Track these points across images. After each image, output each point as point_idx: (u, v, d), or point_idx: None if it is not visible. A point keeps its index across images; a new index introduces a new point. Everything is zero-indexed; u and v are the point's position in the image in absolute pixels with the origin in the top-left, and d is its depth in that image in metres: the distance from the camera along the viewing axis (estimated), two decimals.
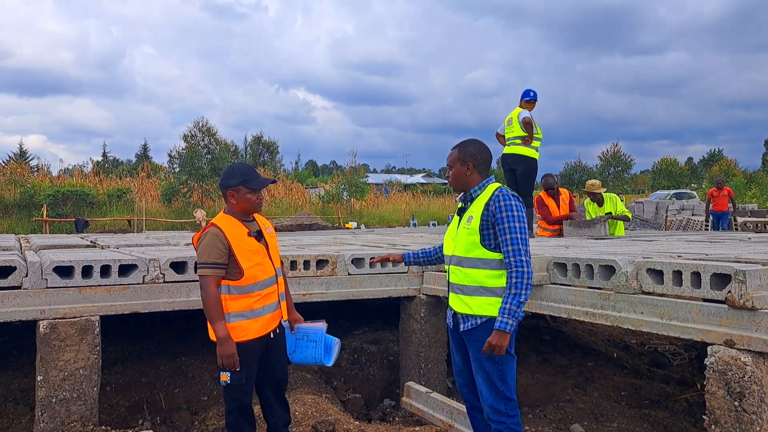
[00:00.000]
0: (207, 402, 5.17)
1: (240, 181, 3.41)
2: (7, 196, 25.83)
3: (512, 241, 2.97)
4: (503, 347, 2.96)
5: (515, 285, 2.94)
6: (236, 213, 3.46)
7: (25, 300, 4.11)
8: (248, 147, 59.82)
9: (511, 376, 3.13)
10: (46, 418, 4.10)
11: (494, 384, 3.10)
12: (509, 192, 3.10)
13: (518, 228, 2.99)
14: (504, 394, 3.10)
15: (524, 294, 2.94)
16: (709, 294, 3.28)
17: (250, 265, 3.35)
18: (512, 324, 2.95)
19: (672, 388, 5.62)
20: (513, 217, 3.00)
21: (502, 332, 2.95)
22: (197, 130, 30.77)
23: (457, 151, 3.25)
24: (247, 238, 3.39)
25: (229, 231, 3.35)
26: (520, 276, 2.94)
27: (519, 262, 2.95)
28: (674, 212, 21.62)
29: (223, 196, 3.51)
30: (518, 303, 2.93)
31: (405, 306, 5.52)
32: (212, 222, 3.42)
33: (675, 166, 50.78)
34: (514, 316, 2.94)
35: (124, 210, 26.71)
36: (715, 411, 3.13)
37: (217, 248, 3.28)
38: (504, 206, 3.02)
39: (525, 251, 2.98)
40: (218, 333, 3.25)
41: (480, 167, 3.22)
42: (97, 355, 4.25)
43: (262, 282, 3.39)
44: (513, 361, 3.14)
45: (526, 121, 7.56)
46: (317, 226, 22.54)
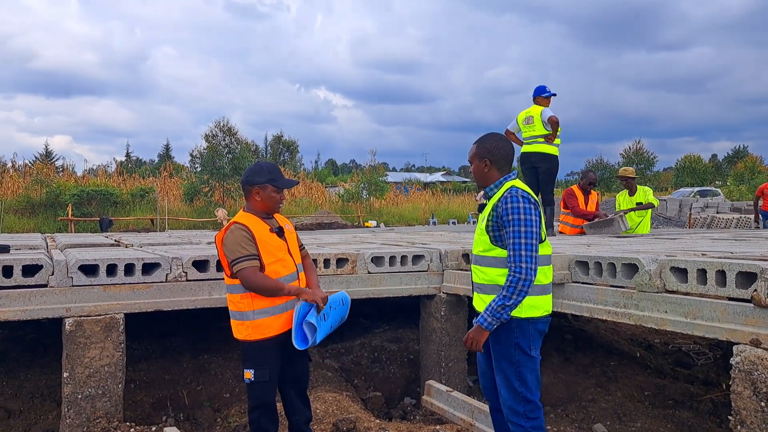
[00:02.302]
0: (229, 399, 5.21)
1: (267, 179, 3.45)
2: (33, 196, 26.29)
3: (515, 245, 2.89)
4: (479, 342, 2.95)
5: (507, 288, 2.87)
6: (257, 211, 3.49)
7: (52, 298, 4.18)
8: (268, 146, 60.17)
9: (532, 377, 3.05)
10: (73, 414, 4.17)
11: (512, 385, 3.04)
12: (519, 192, 2.99)
13: (523, 232, 2.89)
14: (523, 396, 3.03)
15: (514, 298, 2.86)
16: (734, 293, 3.23)
17: (272, 261, 3.39)
18: (491, 323, 2.90)
19: (696, 388, 5.54)
20: (519, 220, 2.91)
21: (479, 327, 2.94)
22: (218, 129, 31.03)
23: (476, 147, 3.19)
24: (270, 234, 3.44)
25: (253, 227, 3.39)
26: (515, 281, 2.85)
27: (517, 268, 2.86)
28: (698, 210, 21.30)
29: (246, 193, 3.52)
30: (503, 306, 2.87)
31: (425, 304, 5.52)
32: (234, 220, 3.45)
33: (699, 163, 49.98)
34: (495, 315, 2.89)
35: (147, 209, 27.04)
36: (740, 411, 3.08)
37: (247, 240, 3.33)
38: (511, 208, 2.93)
39: (528, 256, 2.87)
40: (292, 291, 3.37)
41: (498, 163, 3.13)
42: (121, 353, 4.31)
43: (284, 278, 3.42)
44: (533, 362, 3.06)
45: (554, 121, 7.46)
46: (337, 225, 22.62)
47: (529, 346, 3.02)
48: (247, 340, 3.41)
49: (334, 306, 3.59)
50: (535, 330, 3.06)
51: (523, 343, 3.01)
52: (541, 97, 7.73)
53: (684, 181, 45.61)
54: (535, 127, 7.65)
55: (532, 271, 2.87)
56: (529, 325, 3.02)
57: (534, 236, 2.91)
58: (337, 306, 3.62)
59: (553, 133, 7.54)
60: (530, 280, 2.86)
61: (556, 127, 7.49)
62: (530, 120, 7.71)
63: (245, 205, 3.57)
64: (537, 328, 3.06)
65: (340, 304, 3.65)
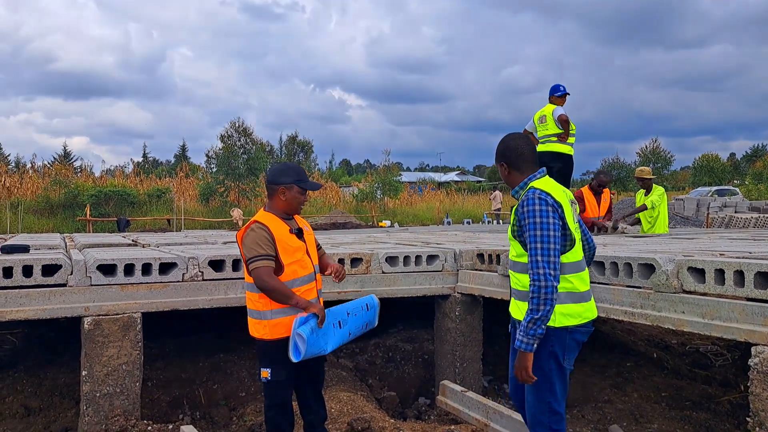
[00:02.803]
0: (245, 398, 5.25)
1: (294, 180, 3.47)
2: (52, 197, 26.63)
3: (532, 251, 2.73)
4: (527, 369, 2.76)
5: (531, 300, 2.70)
6: (279, 210, 3.50)
7: (71, 297, 4.24)
8: (283, 147, 60.40)
9: (561, 387, 2.91)
10: (91, 412, 4.22)
11: (541, 394, 2.90)
12: (537, 194, 2.81)
13: (539, 236, 2.72)
14: (550, 406, 2.90)
15: (542, 309, 2.68)
16: (753, 293, 3.20)
17: (291, 261, 3.40)
18: (528, 343, 2.72)
19: (714, 389, 5.48)
20: (535, 223, 2.74)
21: (520, 354, 2.77)
22: (234, 130, 31.25)
23: (496, 151, 3.08)
24: (289, 235, 3.44)
25: (274, 227, 3.40)
26: (536, 290, 2.68)
27: (535, 275, 2.69)
28: (716, 209, 21.05)
29: (270, 192, 3.52)
30: (533, 320, 2.69)
31: (440, 304, 5.51)
32: (255, 219, 3.46)
33: (717, 162, 49.41)
34: (529, 334, 2.71)
35: (164, 209, 27.28)
36: (759, 413, 3.05)
37: (266, 240, 3.34)
38: (527, 212, 2.78)
39: (545, 262, 2.69)
40: (300, 304, 3.32)
41: (515, 164, 2.98)
42: (139, 351, 4.36)
43: (302, 278, 3.44)
44: (564, 372, 2.91)
45: (563, 119, 7.46)
46: (351, 225, 22.66)
47: (563, 356, 2.88)
48: (263, 339, 3.43)
49: (355, 312, 3.54)
50: (573, 340, 2.90)
51: (559, 352, 2.86)
52: (554, 96, 7.71)
53: (702, 181, 45.11)
54: (548, 126, 7.64)
55: (552, 277, 2.69)
56: (566, 334, 2.86)
57: (552, 240, 2.72)
58: (359, 312, 3.56)
59: (565, 132, 7.51)
60: (552, 286, 2.67)
61: (566, 125, 7.47)
62: (543, 119, 7.71)
63: (266, 204, 3.58)
64: (575, 338, 2.90)
65: (362, 310, 3.58)
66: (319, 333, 3.32)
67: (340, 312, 3.50)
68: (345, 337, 3.51)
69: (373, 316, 3.66)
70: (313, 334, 3.29)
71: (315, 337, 3.30)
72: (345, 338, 3.52)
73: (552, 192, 2.84)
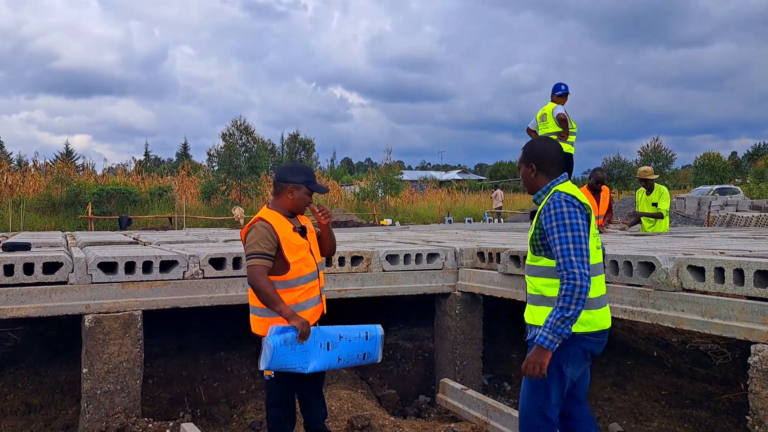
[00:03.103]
0: (245, 396, 5.26)
1: (304, 180, 3.48)
2: (54, 195, 26.65)
3: (563, 252, 2.67)
4: (542, 365, 2.68)
5: (563, 298, 2.63)
6: (284, 209, 3.50)
7: (71, 295, 4.25)
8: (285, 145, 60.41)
9: (557, 394, 2.84)
10: (92, 409, 4.24)
11: (535, 396, 2.85)
12: (563, 196, 2.78)
13: (569, 236, 2.68)
14: (542, 412, 2.84)
15: (573, 308, 2.60)
16: (752, 291, 3.20)
17: (296, 260, 3.41)
18: (552, 340, 2.64)
19: (714, 387, 5.49)
20: (564, 225, 2.70)
21: (539, 347, 2.67)
22: (235, 128, 31.25)
23: (523, 152, 3.02)
24: (293, 234, 3.44)
25: (277, 225, 3.40)
26: (570, 288, 2.61)
27: (570, 274, 2.62)
28: (717, 208, 21.02)
29: (278, 189, 3.51)
30: (563, 318, 2.62)
31: (440, 303, 5.52)
32: (259, 216, 3.45)
33: (718, 161, 49.33)
34: (555, 331, 2.63)
35: (165, 207, 27.29)
36: (759, 411, 3.05)
37: (267, 239, 3.33)
38: (553, 215, 2.74)
39: (579, 261, 2.64)
40: (284, 313, 3.24)
41: (545, 167, 2.93)
42: (139, 349, 4.37)
43: (306, 276, 3.45)
44: (563, 380, 2.84)
45: (561, 117, 7.48)
46: (352, 223, 22.66)
47: (566, 362, 2.80)
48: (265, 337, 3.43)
49: (350, 338, 3.42)
50: (580, 348, 2.81)
51: (561, 357, 2.77)
52: (555, 95, 7.74)
53: (703, 179, 45.06)
54: (548, 125, 7.67)
55: (587, 277, 2.63)
56: (572, 341, 2.76)
57: (583, 240, 2.70)
58: (354, 339, 3.43)
59: (564, 131, 7.52)
60: (586, 285, 2.62)
61: (564, 124, 7.49)
62: (544, 118, 7.74)
63: (270, 201, 3.58)
64: (582, 347, 2.81)
65: (360, 338, 3.45)
66: (297, 348, 3.21)
67: (331, 333, 3.38)
68: (333, 362, 3.38)
69: (373, 348, 3.51)
70: (286, 345, 3.18)
71: (288, 350, 3.18)
72: (333, 363, 3.38)
73: (577, 195, 2.82)
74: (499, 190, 31.27)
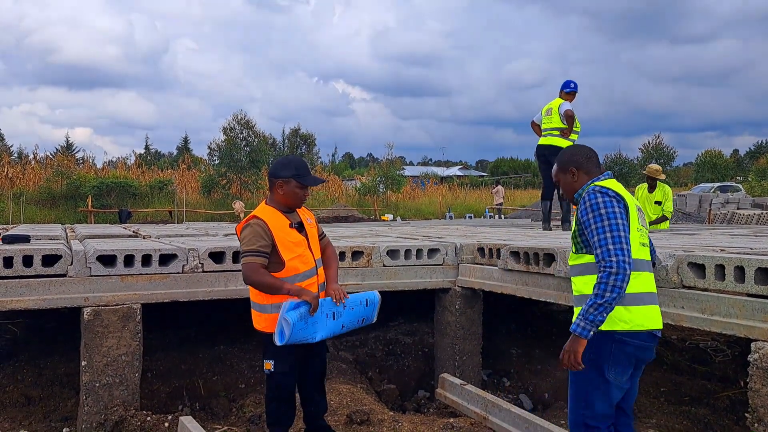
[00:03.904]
0: (244, 390, 5.26)
1: (293, 174, 3.40)
2: (54, 188, 26.65)
3: (600, 242, 2.61)
4: (576, 353, 2.59)
5: (598, 285, 2.56)
6: (279, 204, 3.46)
7: (70, 287, 4.24)
8: (286, 139, 60.35)
9: (602, 403, 2.70)
10: (91, 402, 4.24)
11: (576, 403, 2.76)
12: (597, 189, 2.73)
13: (605, 226, 2.61)
14: (585, 421, 2.72)
15: (608, 295, 2.52)
16: (753, 289, 3.18)
17: (292, 257, 3.36)
18: (585, 327, 2.56)
19: (713, 385, 5.48)
20: (600, 214, 2.64)
21: (573, 337, 2.60)
22: (236, 122, 31.20)
23: (556, 165, 3.00)
24: (289, 230, 3.39)
25: (272, 222, 3.36)
26: (605, 276, 2.54)
27: (607, 262, 2.55)
28: (718, 206, 20.98)
29: (270, 185, 3.49)
30: (596, 306, 2.53)
31: (440, 298, 5.51)
32: (254, 214, 3.43)
33: (719, 159, 49.28)
34: (587, 318, 2.55)
35: (165, 201, 27.30)
36: (758, 409, 3.04)
37: (261, 237, 3.29)
38: (589, 207, 2.69)
39: (617, 248, 2.56)
40: (292, 291, 3.26)
41: (585, 167, 2.90)
42: (138, 342, 4.37)
43: (303, 273, 3.40)
44: (607, 386, 2.69)
45: (569, 114, 7.45)
46: (353, 218, 22.67)
47: (606, 365, 2.67)
48: (265, 332, 3.41)
49: (352, 306, 3.50)
50: (621, 350, 2.66)
51: (600, 356, 2.65)
52: (563, 91, 7.72)
53: (704, 177, 45.00)
54: (553, 120, 7.65)
55: (626, 263, 2.54)
56: (611, 342, 2.65)
57: (621, 228, 2.62)
58: (356, 306, 3.52)
59: (569, 128, 7.51)
60: (624, 273, 2.53)
61: (571, 121, 7.48)
62: (549, 112, 7.72)
63: (268, 197, 3.54)
64: (623, 350, 2.66)
65: (361, 305, 3.55)
66: (309, 320, 3.29)
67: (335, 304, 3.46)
68: (338, 329, 3.48)
69: (371, 312, 3.62)
70: (302, 320, 3.25)
71: (303, 324, 3.26)
72: (337, 330, 3.49)
73: (613, 187, 2.76)
74: (500, 186, 31.23)
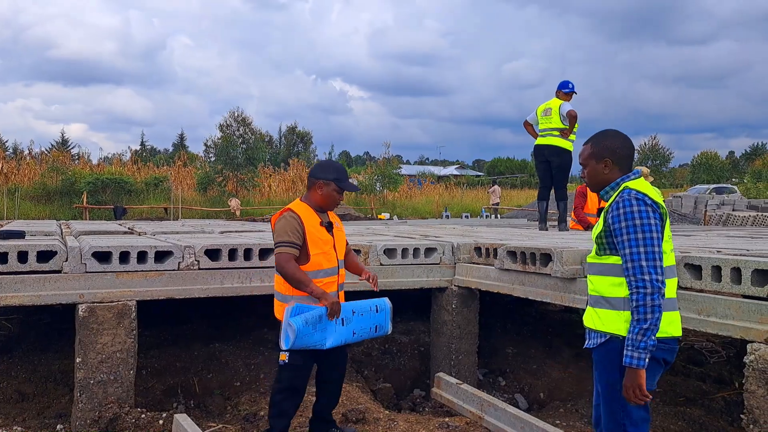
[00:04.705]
0: (239, 388, 5.24)
1: (334, 178, 3.60)
2: (49, 183, 26.53)
3: (632, 256, 2.46)
4: (640, 387, 2.45)
5: (636, 310, 2.43)
6: (313, 203, 3.63)
7: (65, 284, 4.22)
8: (282, 137, 60.29)
9: (638, 410, 2.61)
10: (85, 399, 4.22)
11: (614, 414, 2.63)
12: (633, 194, 2.55)
13: (641, 239, 2.46)
14: (625, 430, 2.63)
15: (650, 317, 2.40)
16: (749, 290, 3.19)
17: (317, 252, 3.52)
18: (639, 357, 2.42)
19: (709, 385, 5.49)
20: (635, 225, 2.48)
21: (630, 370, 2.45)
22: (233, 120, 31.12)
23: (590, 146, 2.76)
24: (320, 227, 3.57)
25: (305, 217, 3.53)
26: (641, 298, 2.42)
27: (640, 282, 2.42)
28: (714, 207, 21.05)
29: (309, 184, 3.67)
30: (643, 331, 2.41)
31: (437, 297, 5.51)
32: (289, 207, 3.59)
33: (715, 160, 49.45)
34: (638, 347, 2.42)
35: (161, 198, 27.21)
36: (753, 410, 3.05)
37: (295, 229, 3.46)
38: (623, 214, 2.51)
39: (653, 266, 2.43)
40: (315, 293, 3.37)
41: (621, 163, 2.69)
42: (133, 339, 4.35)
43: (325, 270, 3.55)
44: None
45: (573, 115, 7.44)
46: (350, 217, 22.64)
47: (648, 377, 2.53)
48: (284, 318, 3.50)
49: (362, 312, 3.55)
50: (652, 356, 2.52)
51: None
52: (562, 91, 7.70)
53: (700, 178, 45.14)
54: (552, 120, 7.63)
55: (659, 282, 2.43)
56: None
57: (655, 242, 2.47)
58: (366, 312, 3.56)
59: (570, 128, 7.51)
60: (659, 292, 2.43)
61: (574, 121, 7.47)
62: (548, 112, 7.69)
63: (303, 195, 3.71)
64: (655, 355, 2.52)
65: (371, 312, 3.58)
66: (317, 326, 3.34)
67: (345, 309, 3.50)
68: (348, 336, 3.52)
69: (384, 320, 3.64)
70: (308, 326, 3.30)
71: (309, 329, 3.30)
72: (348, 337, 3.53)
73: (649, 193, 2.59)
74: (496, 186, 31.27)
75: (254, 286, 4.71)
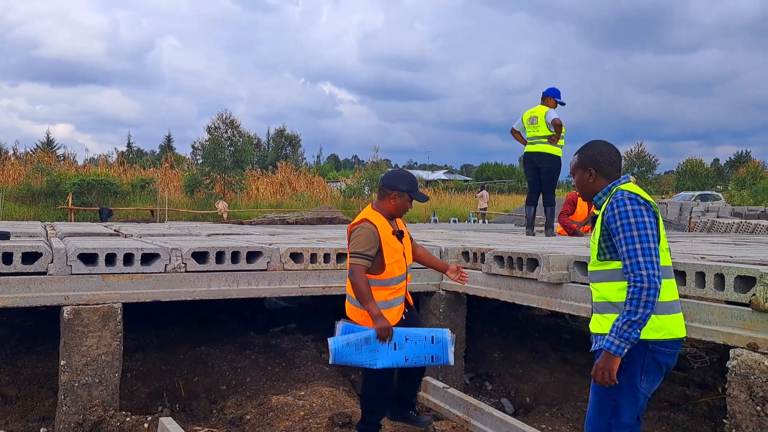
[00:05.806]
0: (225, 391, 5.22)
1: (408, 189, 3.72)
2: (34, 184, 26.29)
3: (629, 253, 2.53)
4: (611, 371, 2.54)
5: (630, 301, 2.49)
6: (385, 211, 3.72)
7: (50, 286, 4.18)
8: (270, 140, 60.14)
9: (629, 410, 2.65)
10: (69, 402, 4.18)
11: (603, 410, 2.68)
12: (626, 195, 2.63)
13: (636, 236, 2.53)
14: (608, 430, 2.67)
15: (641, 312, 2.47)
16: (732, 296, 3.23)
17: (391, 261, 3.63)
18: (620, 345, 2.50)
19: (692, 390, 5.55)
20: (630, 223, 2.55)
21: (606, 354, 2.54)
22: (221, 122, 31.02)
23: (578, 157, 2.89)
24: (392, 237, 3.68)
25: (381, 227, 3.63)
26: (637, 292, 2.47)
27: (637, 276, 2.49)
28: (698, 214, 21.25)
29: (382, 193, 3.74)
30: (630, 322, 2.48)
31: (424, 301, 5.52)
32: (365, 217, 3.65)
33: (700, 167, 49.97)
34: (622, 336, 2.49)
35: (147, 200, 27.04)
36: (736, 415, 3.09)
37: (372, 242, 3.56)
38: (618, 213, 2.59)
39: (648, 262, 2.50)
40: (372, 312, 3.47)
41: (604, 171, 2.79)
42: (119, 342, 4.32)
43: (398, 277, 3.67)
44: (636, 394, 2.65)
45: (557, 123, 7.50)
46: (338, 220, 22.60)
47: (639, 376, 2.62)
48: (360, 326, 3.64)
49: (416, 340, 3.55)
50: (653, 360, 2.62)
51: (635, 369, 2.61)
52: (551, 98, 7.75)
53: (685, 185, 45.59)
54: (539, 128, 7.68)
55: (656, 278, 2.49)
56: (645, 351, 2.60)
57: (651, 239, 2.54)
58: (420, 341, 3.55)
59: (557, 135, 7.57)
60: (655, 288, 2.48)
61: (559, 129, 7.54)
62: (534, 120, 7.74)
63: (374, 202, 3.79)
64: (656, 358, 2.61)
65: (426, 341, 3.56)
66: (363, 348, 3.46)
67: (398, 334, 3.53)
68: (400, 360, 3.53)
69: (440, 351, 3.58)
70: (349, 347, 3.44)
71: (350, 350, 3.44)
72: (400, 361, 3.54)
73: (641, 194, 2.67)
74: (484, 191, 31.40)
75: (242, 288, 4.70)
